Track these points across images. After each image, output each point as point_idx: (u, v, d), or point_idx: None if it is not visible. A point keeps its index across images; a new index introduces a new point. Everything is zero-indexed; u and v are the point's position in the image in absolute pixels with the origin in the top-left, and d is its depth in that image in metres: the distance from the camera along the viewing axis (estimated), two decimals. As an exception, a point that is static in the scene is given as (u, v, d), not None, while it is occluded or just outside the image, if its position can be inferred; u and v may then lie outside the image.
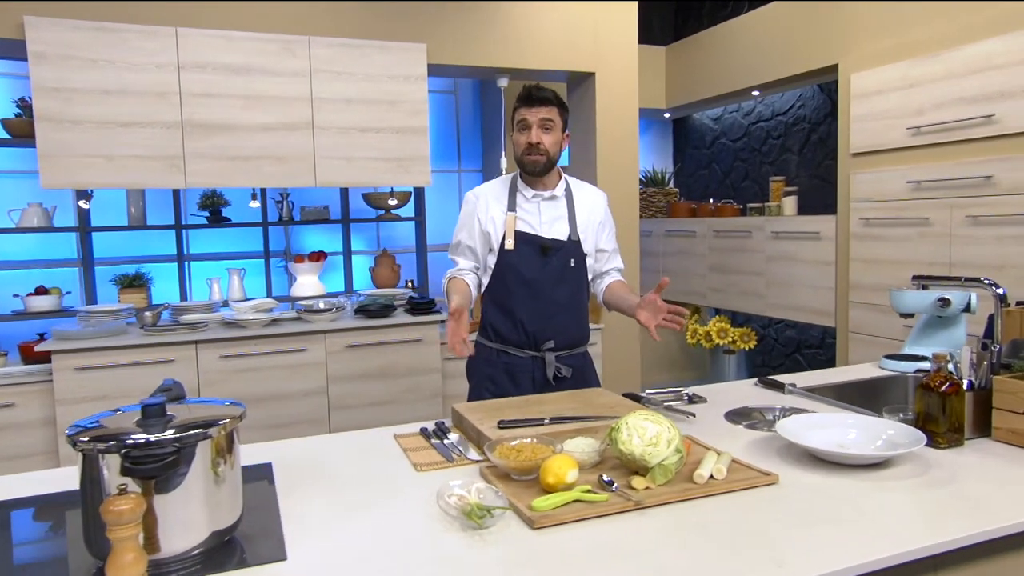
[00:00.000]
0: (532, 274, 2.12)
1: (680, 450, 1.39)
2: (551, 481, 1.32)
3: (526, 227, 2.15)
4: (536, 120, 2.07)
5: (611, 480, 1.37)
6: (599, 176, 4.25)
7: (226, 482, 1.17)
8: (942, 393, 1.57)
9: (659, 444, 1.38)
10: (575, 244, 2.17)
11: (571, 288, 2.18)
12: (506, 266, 2.14)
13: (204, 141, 3.38)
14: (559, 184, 2.20)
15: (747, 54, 4.73)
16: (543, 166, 2.11)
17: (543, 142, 2.08)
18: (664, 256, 5.51)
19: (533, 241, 2.13)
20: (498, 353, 2.20)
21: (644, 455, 1.38)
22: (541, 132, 2.08)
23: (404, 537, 1.22)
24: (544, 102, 2.08)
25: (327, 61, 3.55)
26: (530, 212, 2.16)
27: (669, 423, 1.44)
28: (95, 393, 3.22)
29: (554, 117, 2.09)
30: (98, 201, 4.33)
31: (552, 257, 2.13)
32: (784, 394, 2.11)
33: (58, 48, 3.15)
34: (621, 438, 1.41)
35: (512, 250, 2.12)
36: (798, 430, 1.58)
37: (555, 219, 2.17)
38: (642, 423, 1.42)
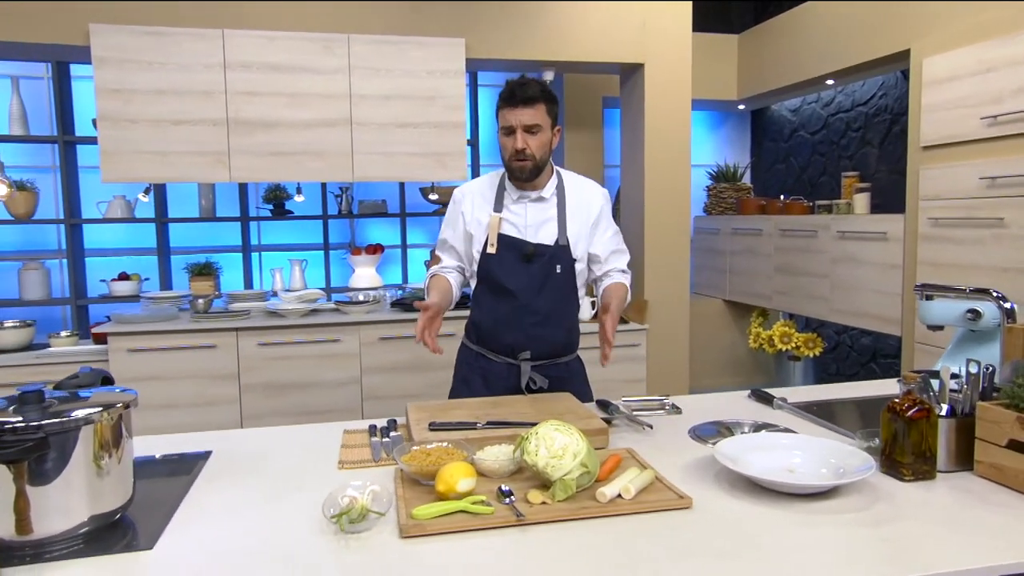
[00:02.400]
0: (512, 281, 2.01)
1: (586, 465, 1.31)
2: (441, 489, 1.29)
3: (511, 229, 2.03)
4: (520, 124, 1.92)
5: (509, 491, 1.32)
6: (647, 169, 4.11)
7: (109, 468, 1.22)
8: (908, 418, 1.40)
9: (564, 457, 1.31)
10: (562, 249, 2.03)
11: (555, 296, 2.05)
12: (487, 271, 2.05)
13: (248, 138, 3.54)
14: (549, 183, 2.06)
15: (818, 41, 4.41)
16: (530, 172, 1.98)
17: (529, 147, 1.93)
18: (731, 255, 5.25)
19: (516, 246, 2.01)
20: (477, 356, 2.13)
21: (547, 468, 1.31)
22: (527, 136, 1.93)
23: (274, 536, 1.22)
24: (529, 102, 1.91)
25: (366, 58, 3.62)
26: (516, 214, 2.04)
27: (580, 435, 1.36)
28: (146, 374, 3.46)
29: (540, 119, 1.93)
30: (175, 194, 4.65)
31: (535, 263, 2.00)
32: (773, 409, 1.95)
33: (118, 52, 3.39)
34: (529, 448, 1.35)
35: (493, 254, 2.02)
36: (738, 452, 1.45)
37: (542, 222, 2.04)
38: (551, 433, 1.35)
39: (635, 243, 4.32)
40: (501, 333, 2.05)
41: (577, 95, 4.96)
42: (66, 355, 3.54)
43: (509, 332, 2.04)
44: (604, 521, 1.25)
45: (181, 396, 3.49)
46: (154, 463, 1.60)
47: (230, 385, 3.55)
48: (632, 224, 4.36)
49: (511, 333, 2.04)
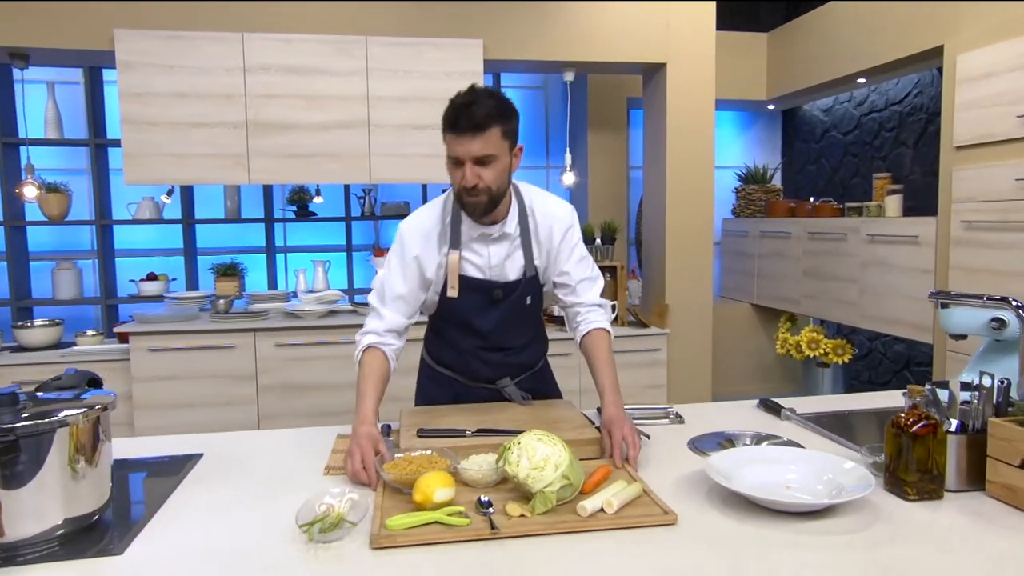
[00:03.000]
0: (480, 322, 1.80)
1: (568, 477, 1.27)
2: (418, 499, 1.26)
3: (473, 270, 1.77)
4: (469, 156, 1.59)
5: (489, 502, 1.28)
6: (669, 171, 4.03)
7: (84, 472, 1.21)
8: (913, 434, 1.32)
9: (545, 469, 1.27)
10: (531, 280, 1.80)
11: (527, 324, 1.89)
12: (451, 313, 1.82)
13: (266, 140, 3.57)
14: (511, 213, 1.77)
15: (849, 38, 4.27)
16: (484, 208, 1.67)
17: (482, 180, 1.62)
18: (759, 258, 5.12)
19: (481, 288, 1.77)
20: (450, 381, 1.93)
21: (527, 479, 1.27)
22: (478, 168, 1.61)
23: (246, 543, 1.20)
24: (478, 128, 1.57)
25: (383, 60, 3.62)
26: (478, 253, 1.77)
27: (563, 446, 1.31)
28: (165, 373, 3.51)
29: (494, 146, 1.60)
30: (202, 195, 4.73)
31: (505, 301, 1.79)
32: (780, 419, 1.88)
33: (141, 56, 3.45)
34: (511, 458, 1.31)
35: (456, 297, 1.76)
36: (732, 466, 1.39)
37: (507, 256, 1.78)
38: (534, 444, 1.31)
39: (657, 246, 4.25)
40: (475, 368, 1.88)
41: (601, 96, 4.90)
42: (90, 353, 3.62)
43: (484, 367, 1.88)
44: (582, 536, 1.20)
45: (199, 396, 3.54)
46: (144, 464, 1.60)
47: (248, 386, 3.58)
48: (654, 227, 4.28)
49: (486, 367, 1.88)
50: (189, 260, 4.69)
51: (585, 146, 4.99)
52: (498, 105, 1.63)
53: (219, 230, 4.87)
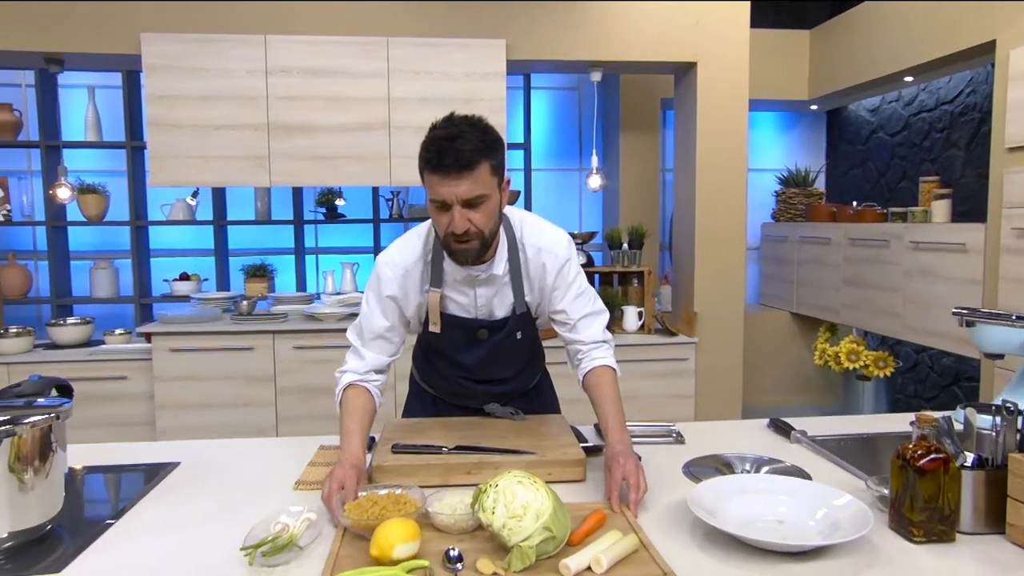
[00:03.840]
0: (468, 357, 1.69)
1: (550, 529, 1.10)
2: (374, 553, 1.10)
3: (457, 309, 1.64)
4: (457, 199, 1.42)
5: (459, 556, 1.11)
6: (699, 174, 3.88)
7: (33, 483, 1.18)
8: (920, 468, 1.19)
9: (524, 518, 1.09)
10: (522, 316, 1.66)
11: (518, 357, 1.76)
12: (434, 346, 1.72)
13: (288, 142, 3.57)
14: (500, 251, 1.60)
15: (895, 34, 4.05)
16: (476, 253, 1.50)
17: (474, 224, 1.44)
18: (798, 265, 4.91)
19: (466, 326, 1.65)
20: (435, 401, 1.86)
21: (503, 530, 1.10)
22: (468, 212, 1.43)
23: (190, 563, 1.15)
24: (465, 168, 1.39)
25: (405, 61, 3.58)
26: (464, 294, 1.63)
27: (546, 491, 1.14)
28: (186, 373, 3.54)
29: (484, 185, 1.42)
30: (234, 197, 4.79)
31: (492, 338, 1.66)
32: (790, 442, 1.75)
33: (166, 60, 3.48)
34: (486, 504, 1.13)
35: (439, 333, 1.64)
36: (720, 496, 1.28)
37: (495, 295, 1.64)
38: (512, 488, 1.14)
39: (686, 251, 4.10)
40: (460, 397, 1.81)
41: (634, 96, 4.77)
42: (117, 352, 3.67)
43: (470, 397, 1.79)
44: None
45: (218, 396, 3.55)
46: (116, 473, 1.58)
47: (266, 387, 3.59)
48: (683, 231, 4.14)
49: (472, 398, 1.79)
50: (220, 261, 4.74)
51: (617, 148, 4.87)
52: (484, 137, 1.43)
53: (251, 231, 4.93)
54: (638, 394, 3.80)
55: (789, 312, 5.07)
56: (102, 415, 3.57)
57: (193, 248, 4.94)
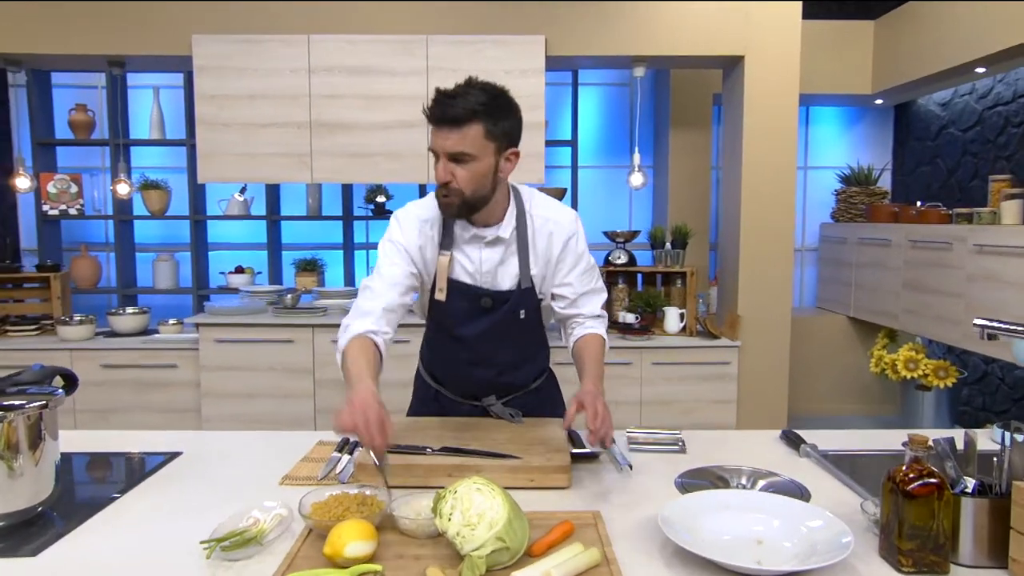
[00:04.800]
0: (467, 331, 1.69)
1: (503, 539, 1.06)
2: (327, 552, 1.09)
3: (463, 275, 1.66)
4: (443, 150, 1.50)
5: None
6: (745, 172, 3.74)
7: (22, 469, 1.24)
8: (908, 493, 1.10)
9: (478, 527, 1.06)
10: (526, 292, 1.67)
11: (519, 342, 1.76)
12: (438, 317, 1.73)
13: (329, 139, 3.64)
14: (507, 217, 1.64)
15: (966, 23, 3.79)
16: (455, 210, 1.56)
17: (455, 179, 1.51)
18: (857, 267, 4.68)
19: (469, 293, 1.66)
20: (436, 395, 1.86)
21: (457, 538, 1.08)
22: (453, 165, 1.50)
23: (157, 553, 1.18)
24: (455, 122, 1.47)
25: (443, 59, 3.60)
26: (469, 258, 1.65)
27: (503, 499, 1.11)
28: (229, 363, 3.66)
29: (471, 144, 1.49)
30: (288, 193, 4.93)
31: (495, 311, 1.67)
32: (799, 456, 1.66)
33: (216, 60, 3.60)
34: (443, 510, 1.11)
35: (444, 301, 1.66)
36: (697, 513, 1.22)
37: (500, 264, 1.66)
38: (470, 494, 1.11)
39: (730, 252, 3.97)
40: (461, 381, 1.80)
41: (685, 92, 4.65)
42: (168, 341, 3.84)
43: (469, 381, 1.78)
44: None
45: (260, 387, 3.66)
46: (117, 461, 1.64)
47: (305, 379, 3.67)
48: (729, 232, 4.01)
49: (471, 382, 1.78)
50: (272, 255, 4.89)
51: (666, 146, 4.76)
52: (487, 102, 1.49)
53: (305, 227, 5.06)
54: (678, 398, 3.71)
55: (847, 317, 4.85)
56: (153, 401, 3.74)
57: (249, 242, 5.12)
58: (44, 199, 4.57)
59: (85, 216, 4.67)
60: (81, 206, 4.65)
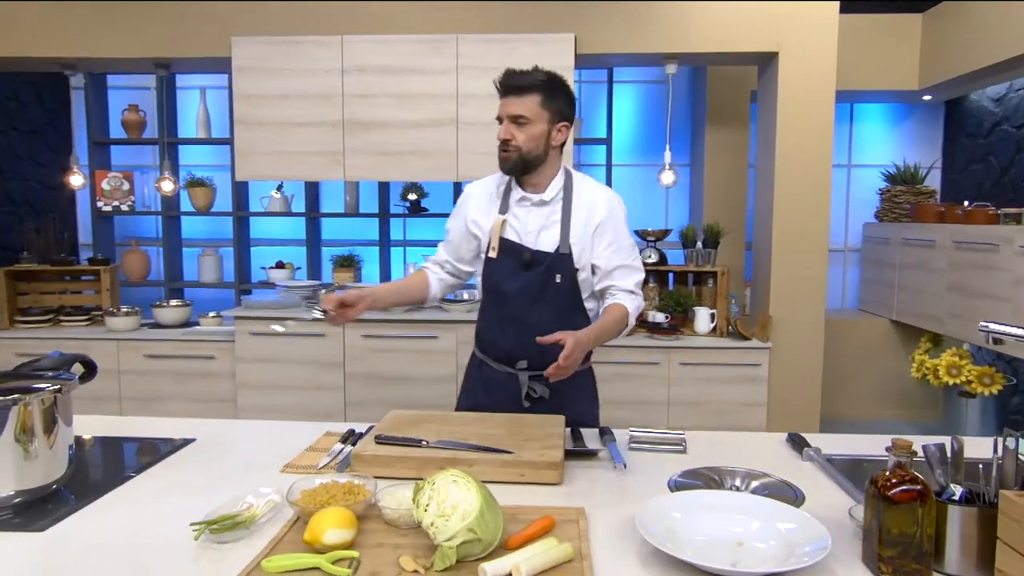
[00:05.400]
0: (509, 288, 1.90)
1: (475, 531, 1.08)
2: (306, 538, 1.13)
3: (512, 234, 1.90)
4: (506, 114, 1.83)
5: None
6: (778, 170, 3.67)
7: (36, 449, 1.31)
8: (889, 498, 1.08)
9: (451, 518, 1.09)
10: (563, 257, 1.87)
11: (554, 307, 1.89)
12: (488, 275, 1.95)
13: (361, 138, 3.71)
14: (552, 185, 1.90)
15: (1019, 13, 3.63)
16: (510, 165, 1.85)
17: (514, 138, 1.81)
18: (900, 269, 4.53)
19: (514, 251, 1.89)
20: (480, 364, 2.04)
21: (431, 528, 1.10)
22: (513, 127, 1.82)
23: (152, 534, 1.23)
24: (517, 91, 1.82)
25: (473, 57, 3.63)
26: (518, 217, 1.91)
27: (478, 491, 1.13)
28: (264, 355, 3.78)
29: (529, 110, 1.80)
30: (329, 190, 5.05)
31: (533, 271, 1.87)
32: (802, 459, 1.63)
33: (254, 61, 3.71)
34: (421, 500, 1.14)
35: (495, 259, 1.91)
36: (681, 513, 1.22)
37: (543, 227, 1.89)
38: (447, 486, 1.14)
39: (763, 252, 3.90)
40: (498, 341, 1.95)
41: (722, 89, 4.58)
42: (207, 333, 3.97)
43: (505, 341, 1.94)
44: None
45: (292, 379, 3.76)
46: (133, 445, 1.71)
47: (336, 373, 3.76)
48: (762, 231, 3.93)
49: (507, 342, 1.93)
50: (311, 251, 5.01)
51: (702, 143, 4.69)
52: (546, 80, 1.85)
53: (345, 223, 5.17)
54: (707, 399, 3.66)
55: (889, 320, 4.70)
56: (192, 390, 3.88)
57: (290, 238, 5.26)
58: (98, 196, 4.78)
59: (136, 212, 4.86)
60: (132, 203, 4.85)
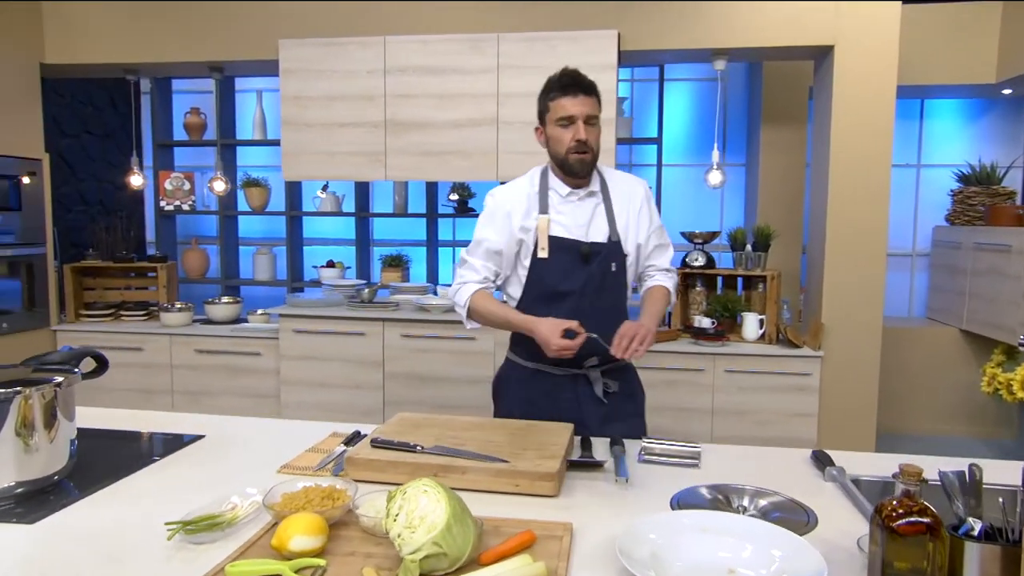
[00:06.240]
0: (571, 284, 1.88)
1: (440, 544, 1.03)
2: (273, 543, 1.11)
3: (560, 230, 1.89)
4: (582, 114, 1.81)
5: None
6: (832, 169, 3.48)
7: (36, 442, 1.34)
8: (892, 530, 0.98)
9: (417, 530, 1.05)
10: (615, 246, 1.92)
11: (614, 296, 1.94)
12: (540, 277, 1.90)
13: (402, 138, 3.72)
14: (594, 179, 1.95)
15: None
16: (589, 166, 1.88)
17: (589, 139, 1.83)
18: (972, 275, 4.24)
19: (570, 247, 1.88)
20: (534, 373, 1.95)
21: (398, 540, 1.06)
22: (587, 127, 1.82)
23: (136, 529, 1.23)
24: (589, 91, 1.84)
25: (513, 56, 3.58)
26: (565, 213, 1.91)
27: (447, 503, 1.07)
28: (305, 353, 3.83)
29: (598, 110, 1.86)
30: (380, 190, 5.12)
31: (592, 263, 1.88)
32: (824, 479, 1.52)
33: (300, 63, 3.77)
34: (392, 509, 1.10)
35: (546, 258, 1.88)
36: (668, 535, 1.14)
37: (592, 219, 1.92)
38: (417, 496, 1.09)
39: (816, 255, 3.71)
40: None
41: (778, 85, 4.39)
42: (254, 330, 4.06)
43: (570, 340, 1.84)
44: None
45: (333, 377, 3.81)
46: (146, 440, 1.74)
47: (375, 372, 3.78)
48: (815, 234, 3.74)
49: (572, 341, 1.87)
50: (361, 250, 5.08)
51: (757, 141, 4.52)
52: (593, 82, 1.88)
53: (395, 223, 5.22)
54: (751, 408, 3.51)
55: (959, 329, 4.41)
56: (238, 386, 3.97)
57: (342, 238, 5.34)
58: (161, 196, 4.98)
59: (195, 212, 5.04)
60: (193, 202, 5.02)
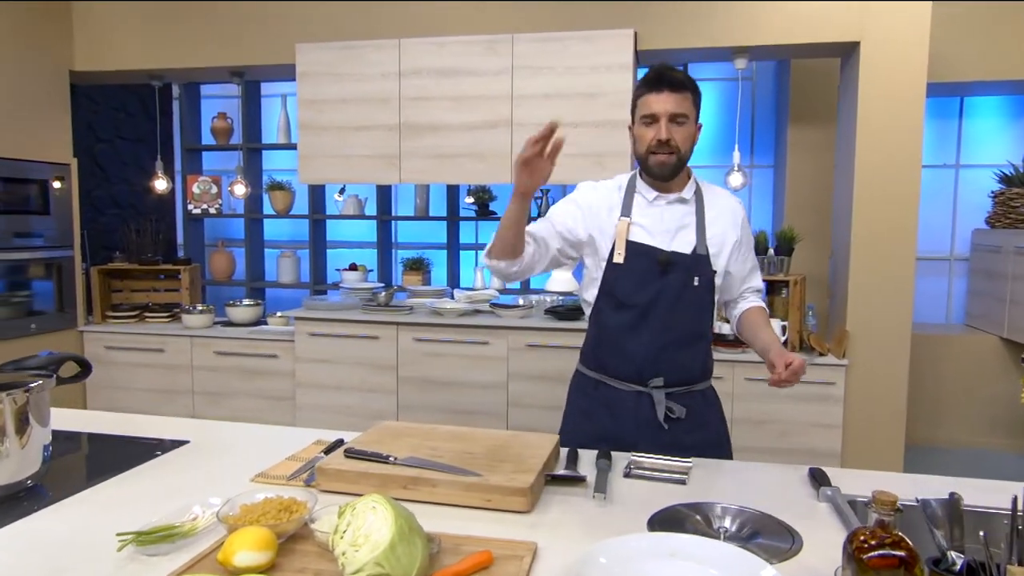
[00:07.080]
0: (643, 294, 1.77)
1: (382, 565, 0.98)
2: (219, 558, 1.07)
3: (642, 235, 1.78)
4: (665, 112, 1.69)
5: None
6: (858, 171, 3.34)
7: (7, 448, 1.34)
8: (864, 563, 0.90)
9: (361, 548, 1.00)
10: (702, 259, 1.77)
11: (691, 313, 1.79)
12: (613, 283, 1.80)
13: (416, 141, 3.71)
14: (688, 186, 1.82)
15: None
16: (671, 168, 1.74)
17: (674, 138, 1.71)
18: (1013, 280, 4.04)
19: (648, 253, 1.76)
20: (596, 384, 1.87)
21: (342, 558, 1.01)
22: (672, 126, 1.70)
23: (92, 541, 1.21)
24: (677, 87, 1.70)
25: (528, 57, 3.53)
26: (649, 217, 1.79)
27: (394, 521, 1.02)
28: (320, 356, 3.84)
29: (687, 108, 1.71)
30: (404, 193, 5.12)
31: (671, 274, 1.76)
32: (818, 499, 1.43)
33: (315, 67, 3.79)
34: (340, 525, 1.05)
35: (621, 264, 1.77)
36: (633, 561, 1.08)
37: (679, 227, 1.79)
38: (366, 512, 1.05)
39: (841, 259, 3.58)
40: (629, 356, 1.79)
41: (805, 84, 4.26)
42: (272, 333, 4.09)
43: (638, 355, 1.78)
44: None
45: (347, 380, 3.81)
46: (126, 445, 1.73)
47: (389, 375, 3.77)
48: (840, 238, 3.61)
49: (640, 356, 1.78)
50: (382, 253, 5.09)
51: (784, 142, 4.38)
52: (691, 78, 1.76)
53: (417, 226, 5.22)
54: (773, 418, 3.40)
55: (999, 337, 4.20)
56: (256, 388, 4.00)
57: (366, 241, 5.36)
58: (189, 199, 5.06)
59: (222, 215, 5.11)
60: (219, 206, 5.10)
